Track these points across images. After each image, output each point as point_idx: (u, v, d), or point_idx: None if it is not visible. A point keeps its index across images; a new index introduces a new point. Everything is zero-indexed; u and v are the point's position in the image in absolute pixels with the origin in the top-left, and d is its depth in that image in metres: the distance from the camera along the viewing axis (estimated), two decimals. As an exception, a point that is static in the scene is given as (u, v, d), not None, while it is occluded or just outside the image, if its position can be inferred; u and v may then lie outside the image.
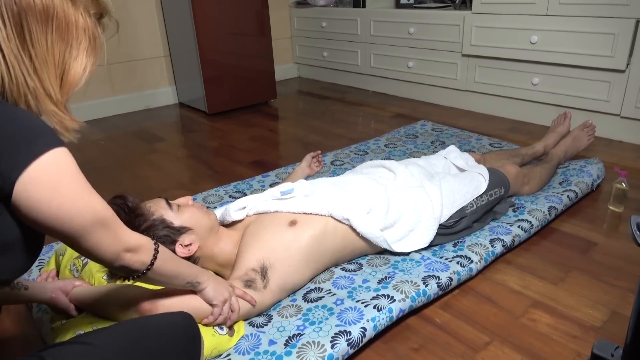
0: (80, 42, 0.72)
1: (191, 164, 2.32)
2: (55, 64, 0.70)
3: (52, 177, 0.64)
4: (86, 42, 0.73)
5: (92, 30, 0.74)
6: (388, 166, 1.56)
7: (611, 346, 0.88)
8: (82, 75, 0.73)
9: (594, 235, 1.53)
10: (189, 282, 0.97)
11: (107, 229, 0.72)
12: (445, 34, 2.82)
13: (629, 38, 2.09)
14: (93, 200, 0.70)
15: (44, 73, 0.68)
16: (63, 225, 0.66)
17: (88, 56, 0.74)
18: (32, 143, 0.62)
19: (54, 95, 0.70)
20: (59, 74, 0.70)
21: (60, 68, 0.70)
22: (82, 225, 0.68)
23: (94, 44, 0.75)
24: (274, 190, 1.38)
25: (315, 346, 1.04)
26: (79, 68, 0.73)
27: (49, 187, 0.63)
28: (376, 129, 2.65)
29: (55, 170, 0.64)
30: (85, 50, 0.73)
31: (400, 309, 1.16)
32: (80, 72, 0.73)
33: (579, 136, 1.93)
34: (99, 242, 0.71)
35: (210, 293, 1.02)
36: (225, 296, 1.04)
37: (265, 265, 1.16)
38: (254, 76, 3.17)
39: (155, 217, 1.14)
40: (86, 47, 0.73)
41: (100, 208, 0.71)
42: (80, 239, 0.69)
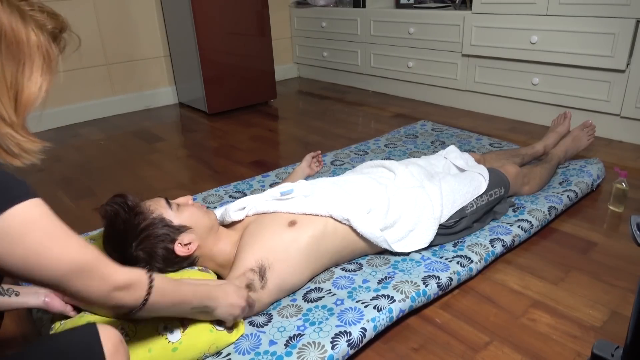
0: (34, 60, 0.69)
1: (191, 164, 2.32)
2: (7, 85, 0.67)
3: (17, 232, 0.62)
4: (40, 60, 0.70)
5: (46, 47, 0.70)
6: (388, 166, 1.56)
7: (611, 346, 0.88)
8: (37, 95, 0.70)
9: (594, 235, 1.53)
10: (194, 308, 0.94)
11: (90, 273, 0.70)
12: (445, 34, 2.82)
13: (629, 38, 2.09)
14: (68, 247, 0.68)
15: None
16: (37, 276, 0.65)
17: (43, 74, 0.71)
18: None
19: (8, 117, 0.67)
20: (12, 95, 0.67)
21: (13, 89, 0.67)
22: (58, 274, 0.66)
23: (49, 62, 0.71)
24: (273, 191, 1.38)
25: (316, 347, 1.04)
26: (34, 87, 0.69)
27: (14, 242, 0.62)
28: (376, 129, 2.65)
29: (20, 225, 0.62)
30: (40, 69, 0.70)
31: (400, 309, 1.16)
32: (35, 91, 0.70)
33: (579, 136, 1.93)
34: (83, 287, 0.69)
35: (220, 315, 1.01)
36: (235, 315, 1.03)
37: (263, 265, 1.16)
38: (254, 76, 3.17)
39: (155, 216, 1.14)
40: (41, 65, 0.70)
41: (76, 255, 0.68)
42: (63, 286, 0.68)
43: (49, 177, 2.17)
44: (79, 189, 2.06)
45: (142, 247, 1.12)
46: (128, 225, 1.11)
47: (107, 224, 1.13)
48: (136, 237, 1.12)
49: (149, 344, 0.97)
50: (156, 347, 0.97)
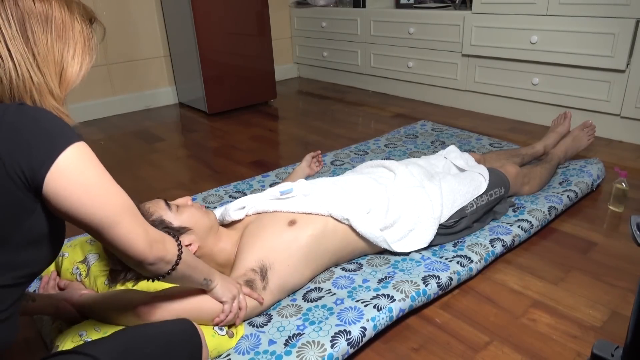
0: (77, 42, 0.77)
1: (191, 164, 2.32)
2: (55, 61, 0.74)
3: (78, 168, 0.68)
4: (82, 43, 0.78)
5: (87, 32, 0.79)
6: (388, 166, 1.56)
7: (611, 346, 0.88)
8: (78, 73, 0.78)
9: (594, 235, 1.53)
10: (205, 279, 0.98)
11: (136, 218, 0.75)
12: (445, 34, 2.82)
13: (629, 38, 2.09)
14: (119, 189, 0.74)
15: (45, 70, 0.73)
16: (95, 213, 0.69)
17: (84, 56, 0.79)
18: (55, 139, 0.67)
19: (55, 91, 0.74)
20: (58, 71, 0.75)
21: (60, 66, 0.75)
22: (113, 211, 0.71)
23: (89, 45, 0.80)
24: (273, 190, 1.38)
25: (315, 346, 1.04)
26: (76, 66, 0.77)
27: (76, 177, 0.68)
28: (376, 129, 2.65)
29: (79, 162, 0.69)
30: (81, 50, 0.78)
31: (400, 309, 1.16)
32: (77, 69, 0.78)
33: (579, 136, 1.93)
34: (131, 231, 0.73)
35: (219, 291, 1.02)
36: (234, 293, 1.05)
37: (264, 265, 1.16)
38: (254, 76, 3.17)
39: (155, 218, 1.14)
40: (82, 47, 0.78)
41: (127, 197, 0.75)
42: (113, 228, 0.71)
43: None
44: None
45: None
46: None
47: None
48: (136, 238, 1.11)
49: None
50: None
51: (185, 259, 0.86)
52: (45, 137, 0.67)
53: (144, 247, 0.75)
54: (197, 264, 0.94)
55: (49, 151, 0.66)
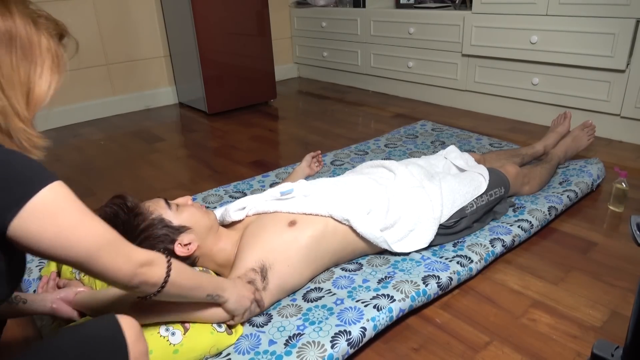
0: (44, 60, 0.75)
1: (191, 164, 2.32)
2: (20, 82, 0.72)
3: (49, 212, 0.66)
4: (50, 61, 0.75)
5: (55, 49, 0.77)
6: (388, 166, 1.56)
7: (611, 346, 0.88)
8: (47, 93, 0.75)
9: (594, 235, 1.53)
10: (209, 295, 0.97)
11: (116, 250, 0.73)
12: (445, 34, 2.82)
13: (629, 38, 2.09)
14: (95, 225, 0.72)
15: (10, 92, 0.70)
16: (68, 253, 0.68)
17: (52, 74, 0.76)
18: (26, 183, 0.65)
19: (21, 112, 0.72)
20: (24, 91, 0.73)
21: (26, 86, 0.73)
22: (87, 249, 0.70)
23: (58, 63, 0.77)
24: (273, 191, 1.38)
25: (315, 346, 1.04)
26: (44, 86, 0.75)
27: (46, 222, 0.66)
28: (376, 129, 2.65)
29: (51, 205, 0.66)
30: (49, 69, 0.75)
31: (400, 309, 1.16)
32: (45, 89, 0.75)
33: (579, 136, 1.93)
34: (110, 263, 0.72)
35: (232, 306, 1.02)
36: (246, 307, 1.06)
37: (264, 265, 1.16)
38: (254, 76, 3.17)
39: (154, 217, 1.14)
40: (50, 65, 0.76)
41: (103, 231, 0.73)
42: (90, 263, 0.70)
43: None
44: (79, 189, 2.05)
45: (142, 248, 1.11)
46: (127, 226, 1.11)
47: (106, 225, 1.13)
48: (136, 238, 1.11)
49: (150, 346, 0.96)
50: (157, 348, 0.97)
51: (175, 281, 0.84)
52: (14, 181, 0.64)
53: (125, 275, 0.74)
54: (197, 284, 0.93)
55: (16, 197, 0.63)
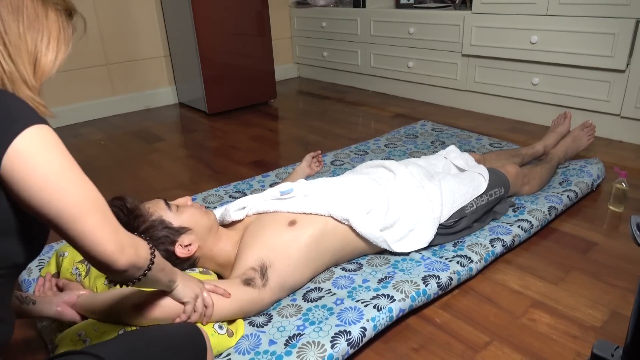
0: (51, 31, 0.75)
1: (191, 164, 2.32)
2: (28, 51, 0.73)
3: (38, 152, 0.63)
4: (56, 32, 0.76)
5: (62, 21, 0.77)
6: (388, 166, 1.56)
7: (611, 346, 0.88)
8: (54, 63, 0.76)
9: (594, 235, 1.53)
10: (170, 280, 0.93)
11: (105, 216, 0.68)
12: (445, 34, 2.82)
13: (629, 38, 2.09)
14: (86, 180, 0.68)
15: (18, 59, 0.71)
16: (54, 203, 0.63)
17: (59, 45, 0.76)
18: (14, 121, 0.63)
19: (29, 80, 0.72)
20: (32, 60, 0.73)
21: (33, 55, 0.73)
22: (76, 203, 0.65)
23: (64, 34, 0.77)
24: (273, 190, 1.38)
25: (315, 346, 1.04)
26: (51, 56, 0.75)
27: (34, 162, 0.63)
28: (376, 129, 2.65)
29: (40, 145, 0.64)
30: (56, 39, 0.76)
31: (400, 309, 1.16)
32: (52, 59, 0.75)
33: (579, 136, 1.93)
34: (97, 229, 0.66)
35: (180, 292, 0.97)
36: (196, 291, 1.00)
37: (264, 264, 1.16)
38: (254, 76, 3.17)
39: (155, 218, 1.14)
40: (57, 36, 0.76)
41: (94, 192, 0.69)
42: (75, 223, 0.65)
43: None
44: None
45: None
46: (127, 228, 1.09)
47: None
48: (136, 239, 1.11)
49: None
50: None
51: (158, 263, 0.82)
52: (4, 117, 0.63)
53: (113, 250, 0.68)
54: (165, 266, 0.89)
55: (5, 132, 0.62)
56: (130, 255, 0.71)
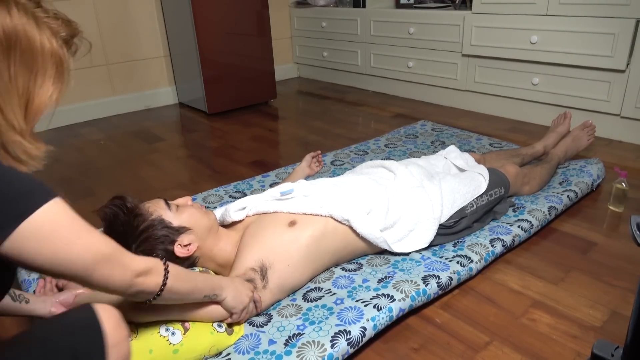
0: (46, 69, 0.68)
1: (191, 164, 2.32)
2: (18, 93, 0.66)
3: (45, 232, 0.64)
4: (52, 69, 0.69)
5: (59, 55, 0.70)
6: (388, 166, 1.56)
7: (611, 346, 0.88)
8: (48, 103, 0.70)
9: (594, 235, 1.53)
10: (206, 296, 0.98)
11: (112, 263, 0.72)
12: (445, 34, 2.82)
13: (629, 38, 2.09)
14: (90, 240, 0.70)
15: (6, 105, 0.65)
16: (64, 270, 0.67)
17: (55, 83, 0.70)
18: (19, 203, 0.61)
19: (17, 125, 0.67)
20: (22, 103, 0.67)
21: (24, 97, 0.67)
22: (84, 266, 0.68)
23: (61, 70, 0.71)
24: (273, 191, 1.38)
25: (315, 346, 1.04)
26: (45, 96, 0.69)
27: (41, 242, 0.63)
28: (376, 129, 2.65)
29: (47, 225, 0.64)
30: (51, 78, 0.69)
31: (400, 309, 1.16)
32: (46, 99, 0.69)
33: (579, 136, 1.93)
34: (108, 277, 0.71)
35: (230, 303, 1.03)
36: (244, 303, 1.06)
37: (264, 265, 1.16)
38: (254, 76, 3.17)
39: (154, 217, 1.14)
40: (53, 74, 0.69)
41: (99, 246, 0.71)
42: (87, 278, 0.70)
43: (48, 178, 2.17)
44: (79, 189, 2.06)
45: (142, 249, 1.12)
46: (127, 227, 1.11)
47: (106, 226, 1.13)
48: (135, 239, 1.11)
49: (150, 345, 0.97)
50: (157, 348, 0.97)
51: (172, 287, 0.84)
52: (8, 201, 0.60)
53: (121, 285, 0.74)
54: (193, 287, 0.93)
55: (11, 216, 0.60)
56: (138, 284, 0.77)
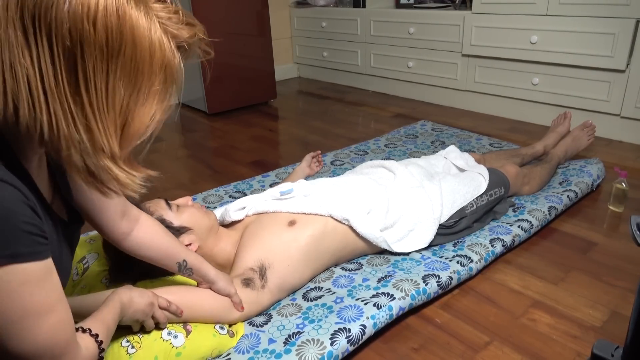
0: (153, 83, 0.54)
1: (191, 164, 2.32)
2: (115, 112, 0.54)
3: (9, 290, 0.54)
4: (160, 83, 0.55)
5: (172, 65, 0.55)
6: (388, 166, 1.56)
7: (611, 346, 0.88)
8: (149, 124, 0.57)
9: (594, 235, 1.53)
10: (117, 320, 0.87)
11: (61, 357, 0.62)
12: (445, 34, 2.82)
13: (629, 38, 2.09)
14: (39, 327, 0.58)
15: (98, 124, 0.53)
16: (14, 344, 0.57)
17: (159, 102, 0.56)
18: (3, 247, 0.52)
19: (108, 149, 0.55)
20: (120, 124, 0.55)
21: (122, 117, 0.54)
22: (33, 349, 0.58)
23: (170, 83, 0.57)
24: (273, 191, 1.38)
25: (315, 343, 1.04)
26: (146, 117, 0.56)
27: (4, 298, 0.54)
28: (376, 129, 2.65)
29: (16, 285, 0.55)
30: (156, 94, 0.56)
31: (400, 307, 1.16)
32: (146, 121, 0.56)
33: (579, 136, 1.93)
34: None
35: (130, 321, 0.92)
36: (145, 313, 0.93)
37: (263, 264, 1.16)
38: (254, 76, 3.17)
39: (155, 217, 1.14)
40: (159, 88, 0.55)
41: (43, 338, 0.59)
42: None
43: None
44: (79, 189, 2.05)
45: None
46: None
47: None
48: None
49: (154, 352, 0.96)
50: (160, 352, 0.97)
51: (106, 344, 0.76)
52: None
53: None
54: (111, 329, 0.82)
55: None
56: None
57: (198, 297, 1.05)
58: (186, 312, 1.01)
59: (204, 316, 1.05)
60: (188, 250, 1.03)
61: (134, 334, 0.97)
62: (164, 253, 0.98)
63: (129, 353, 0.94)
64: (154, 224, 0.98)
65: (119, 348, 0.95)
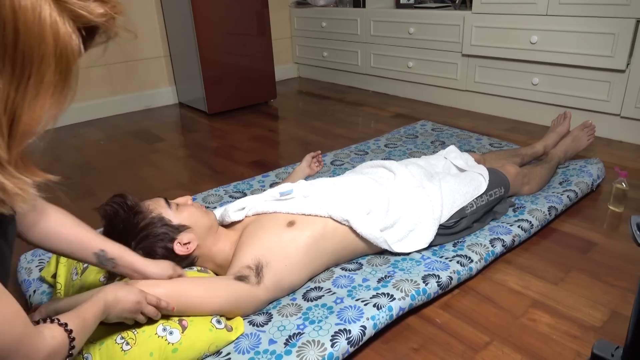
0: (44, 72, 0.46)
1: (191, 164, 2.32)
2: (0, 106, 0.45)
3: None
4: (54, 73, 0.47)
5: (68, 50, 0.47)
6: (388, 166, 1.56)
7: (611, 346, 0.88)
8: (40, 122, 0.49)
9: (594, 235, 1.53)
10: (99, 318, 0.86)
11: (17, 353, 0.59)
12: (445, 34, 2.82)
13: (629, 38, 2.09)
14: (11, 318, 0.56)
15: None
16: None
17: (54, 94, 0.48)
18: None
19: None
20: (5, 122, 0.46)
21: (8, 114, 0.46)
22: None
23: (66, 74, 0.48)
24: (273, 191, 1.38)
25: (315, 345, 1.04)
26: (38, 112, 0.48)
27: None
28: (376, 129, 2.65)
29: None
30: (50, 86, 0.48)
31: (400, 307, 1.16)
32: (38, 117, 0.48)
33: (579, 136, 1.93)
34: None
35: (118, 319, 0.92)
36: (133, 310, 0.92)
37: (260, 262, 1.16)
38: (254, 76, 3.17)
39: (154, 215, 1.14)
40: (53, 80, 0.48)
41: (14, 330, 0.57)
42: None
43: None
44: (79, 189, 2.06)
45: (142, 247, 1.12)
46: (127, 224, 1.11)
47: (106, 223, 1.13)
48: (135, 237, 1.12)
49: (150, 349, 0.96)
50: (156, 349, 0.97)
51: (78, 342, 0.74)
52: None
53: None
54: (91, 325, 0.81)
55: None
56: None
57: (187, 288, 1.03)
58: (177, 306, 1.00)
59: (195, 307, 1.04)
60: (107, 240, 0.96)
61: (129, 329, 0.97)
62: (76, 244, 0.92)
63: (124, 350, 0.94)
64: (63, 216, 0.92)
65: (113, 345, 0.94)
